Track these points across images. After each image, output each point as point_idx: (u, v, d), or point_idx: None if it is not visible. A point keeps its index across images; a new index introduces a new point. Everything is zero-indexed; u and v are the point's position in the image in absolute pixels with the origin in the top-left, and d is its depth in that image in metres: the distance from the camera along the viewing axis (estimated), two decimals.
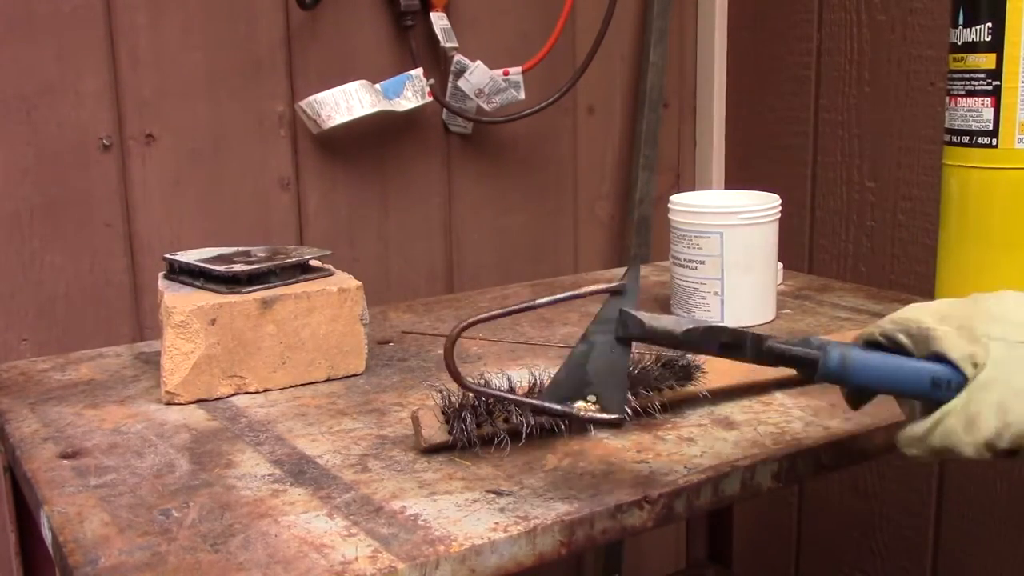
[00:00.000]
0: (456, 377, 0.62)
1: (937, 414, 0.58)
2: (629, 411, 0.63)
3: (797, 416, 0.79)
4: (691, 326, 0.61)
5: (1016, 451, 0.56)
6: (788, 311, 1.09)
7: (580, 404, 0.62)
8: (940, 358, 0.58)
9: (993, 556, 1.26)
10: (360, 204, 1.26)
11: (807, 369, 0.61)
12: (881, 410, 0.78)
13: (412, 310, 1.15)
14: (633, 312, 0.62)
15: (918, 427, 0.59)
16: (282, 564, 0.57)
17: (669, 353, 0.78)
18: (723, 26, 1.47)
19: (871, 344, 0.62)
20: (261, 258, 0.91)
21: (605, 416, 0.62)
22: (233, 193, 1.18)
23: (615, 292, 0.64)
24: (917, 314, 0.61)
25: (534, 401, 0.65)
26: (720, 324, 0.63)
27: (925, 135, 1.24)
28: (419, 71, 1.22)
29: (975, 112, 0.91)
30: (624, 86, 1.45)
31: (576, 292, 0.65)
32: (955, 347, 0.58)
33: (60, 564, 0.61)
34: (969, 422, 0.56)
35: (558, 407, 0.62)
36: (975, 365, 0.57)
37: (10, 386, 0.91)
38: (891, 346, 0.61)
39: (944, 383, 0.58)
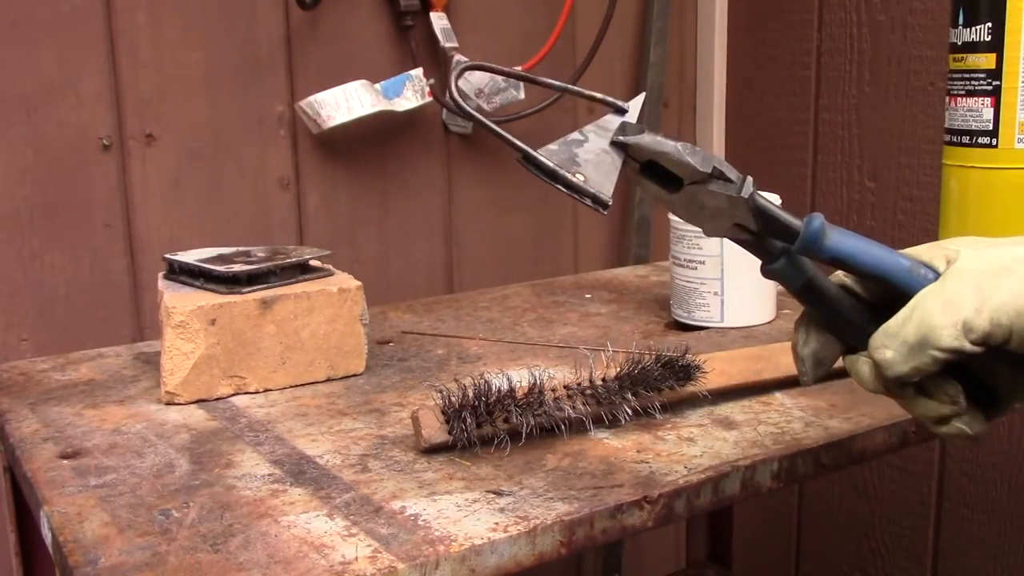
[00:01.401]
0: (464, 111, 0.63)
1: (913, 300, 0.56)
2: (610, 199, 0.58)
3: (797, 416, 0.79)
4: (693, 151, 0.58)
5: (989, 337, 0.54)
6: (788, 311, 1.09)
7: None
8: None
9: (993, 556, 1.26)
10: (360, 204, 1.26)
11: (786, 234, 0.58)
12: (880, 410, 0.78)
13: (412, 310, 1.15)
14: (635, 124, 0.60)
15: (892, 321, 0.56)
16: (282, 564, 0.57)
17: (669, 353, 0.78)
18: (723, 26, 1.47)
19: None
20: (261, 258, 0.91)
21: (592, 190, 0.59)
22: (233, 193, 1.18)
23: (618, 109, 0.62)
24: None
25: (527, 149, 0.62)
26: (716, 156, 0.60)
27: (925, 135, 1.24)
28: (419, 71, 1.22)
29: (975, 112, 0.91)
30: (624, 86, 1.45)
31: (580, 90, 0.65)
32: (927, 253, 0.58)
33: (60, 564, 0.61)
34: (947, 303, 0.54)
35: (549, 163, 0.60)
36: (948, 262, 0.57)
37: (10, 386, 0.91)
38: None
39: (922, 274, 0.57)
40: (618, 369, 0.77)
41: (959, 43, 0.92)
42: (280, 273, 0.89)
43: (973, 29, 0.90)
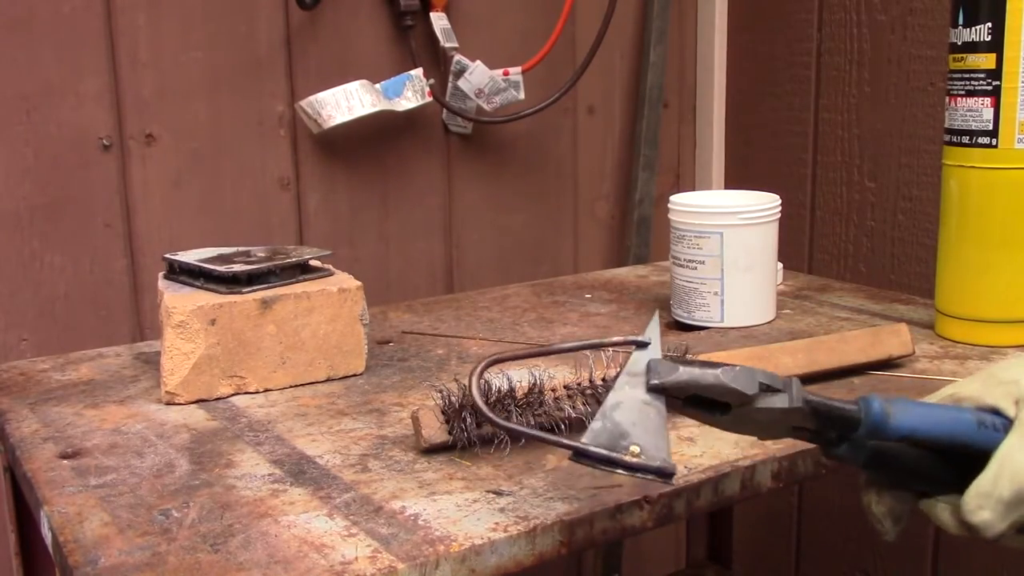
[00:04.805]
0: (486, 417, 0.61)
1: (999, 455, 0.54)
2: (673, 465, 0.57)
3: None
4: (734, 373, 0.56)
5: None
6: (788, 311, 1.09)
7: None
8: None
9: (993, 556, 1.26)
10: (360, 204, 1.26)
11: (845, 422, 0.56)
12: None
13: (412, 310, 1.15)
14: (663, 359, 0.58)
15: (982, 481, 0.54)
16: (282, 564, 0.57)
17: (669, 353, 0.78)
18: (723, 26, 1.47)
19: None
20: (261, 258, 0.91)
21: (655, 464, 0.56)
22: (233, 193, 1.18)
23: (639, 345, 0.60)
24: (937, 394, 0.59)
25: (577, 444, 0.57)
26: (755, 368, 0.57)
27: (925, 135, 1.24)
28: (419, 71, 1.22)
29: (975, 112, 0.91)
30: (624, 86, 1.45)
31: (599, 341, 0.64)
32: (988, 393, 0.56)
33: (60, 564, 0.61)
34: None
35: (602, 452, 0.57)
36: (1017, 403, 0.55)
37: (10, 386, 0.91)
38: None
39: (990, 423, 0.56)
40: (618, 369, 0.77)
41: (959, 43, 0.92)
42: (280, 273, 0.89)
43: (973, 29, 0.90)
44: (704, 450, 0.72)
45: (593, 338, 0.65)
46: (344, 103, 1.17)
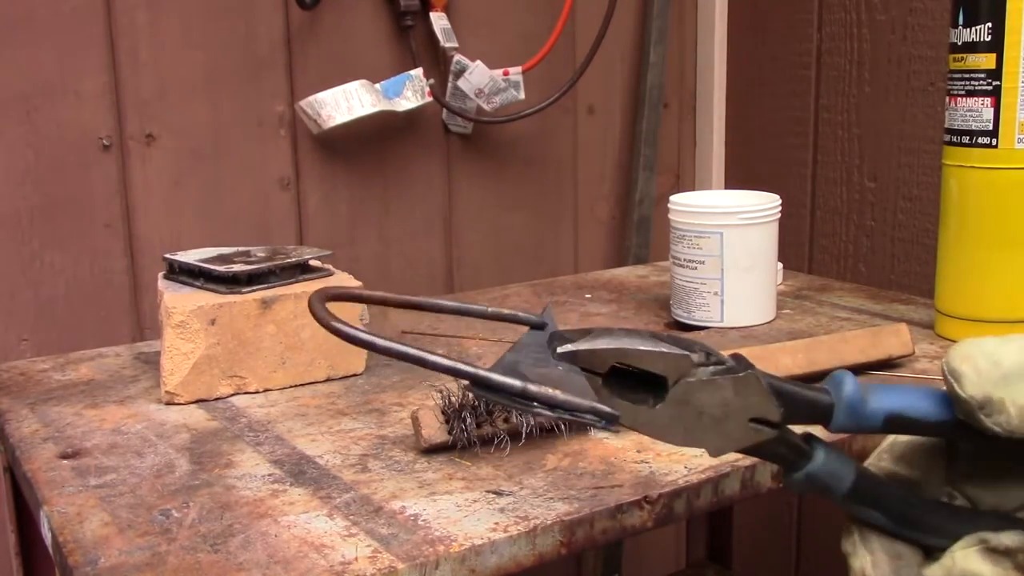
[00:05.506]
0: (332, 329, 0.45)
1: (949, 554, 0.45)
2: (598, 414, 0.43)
3: None
4: (667, 337, 0.44)
5: None
6: (788, 311, 1.09)
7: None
8: None
9: None
10: (360, 204, 1.26)
11: (814, 410, 0.46)
12: None
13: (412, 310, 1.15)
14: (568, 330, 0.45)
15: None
16: (282, 564, 0.57)
17: None
18: (723, 26, 1.47)
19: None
20: (261, 258, 0.91)
21: (587, 402, 0.42)
22: (233, 193, 1.18)
23: (536, 326, 0.47)
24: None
25: (480, 372, 0.43)
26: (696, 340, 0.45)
27: (925, 135, 1.24)
28: (419, 71, 1.22)
29: (975, 112, 0.91)
30: (624, 86, 1.45)
31: (493, 311, 0.52)
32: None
33: (60, 564, 0.61)
34: None
35: (515, 383, 0.42)
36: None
37: (10, 386, 0.91)
38: None
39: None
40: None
41: (959, 43, 0.92)
42: (280, 273, 0.89)
43: (973, 29, 0.90)
44: (704, 450, 0.72)
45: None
46: (344, 103, 1.17)
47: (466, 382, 0.43)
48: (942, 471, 0.49)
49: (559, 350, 0.43)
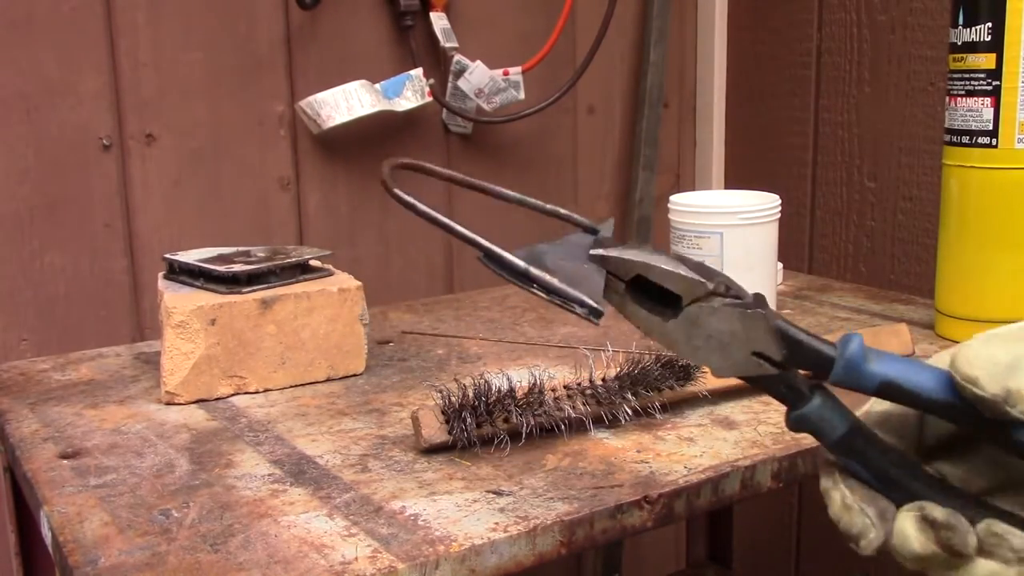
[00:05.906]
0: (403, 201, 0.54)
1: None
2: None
3: None
4: (692, 261, 0.48)
5: None
6: (788, 311, 1.09)
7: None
8: None
9: None
10: (360, 204, 1.26)
11: (818, 361, 0.48)
12: None
13: (412, 310, 1.15)
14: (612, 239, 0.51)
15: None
16: (282, 564, 0.57)
17: (669, 353, 0.78)
18: (723, 26, 1.47)
19: None
20: (261, 258, 0.91)
21: (578, 294, 0.49)
22: (233, 193, 1.18)
23: (589, 229, 0.53)
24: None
25: (490, 245, 0.54)
26: (729, 278, 0.49)
27: (925, 135, 1.24)
28: (419, 71, 1.22)
29: (975, 112, 0.91)
30: (624, 86, 1.45)
31: (552, 209, 0.58)
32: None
33: (60, 564, 0.61)
34: None
35: (519, 263, 0.52)
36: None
37: (10, 386, 0.91)
38: None
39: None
40: (618, 369, 0.77)
41: (959, 43, 0.92)
42: (280, 273, 0.89)
43: (973, 29, 0.90)
44: (704, 450, 0.72)
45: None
46: (344, 103, 1.17)
47: (480, 254, 0.53)
48: (914, 442, 0.51)
49: (591, 252, 0.49)
